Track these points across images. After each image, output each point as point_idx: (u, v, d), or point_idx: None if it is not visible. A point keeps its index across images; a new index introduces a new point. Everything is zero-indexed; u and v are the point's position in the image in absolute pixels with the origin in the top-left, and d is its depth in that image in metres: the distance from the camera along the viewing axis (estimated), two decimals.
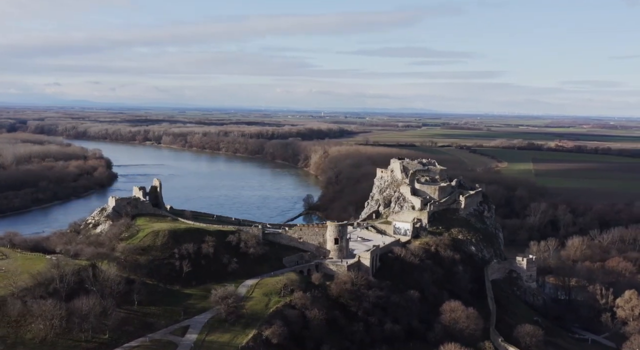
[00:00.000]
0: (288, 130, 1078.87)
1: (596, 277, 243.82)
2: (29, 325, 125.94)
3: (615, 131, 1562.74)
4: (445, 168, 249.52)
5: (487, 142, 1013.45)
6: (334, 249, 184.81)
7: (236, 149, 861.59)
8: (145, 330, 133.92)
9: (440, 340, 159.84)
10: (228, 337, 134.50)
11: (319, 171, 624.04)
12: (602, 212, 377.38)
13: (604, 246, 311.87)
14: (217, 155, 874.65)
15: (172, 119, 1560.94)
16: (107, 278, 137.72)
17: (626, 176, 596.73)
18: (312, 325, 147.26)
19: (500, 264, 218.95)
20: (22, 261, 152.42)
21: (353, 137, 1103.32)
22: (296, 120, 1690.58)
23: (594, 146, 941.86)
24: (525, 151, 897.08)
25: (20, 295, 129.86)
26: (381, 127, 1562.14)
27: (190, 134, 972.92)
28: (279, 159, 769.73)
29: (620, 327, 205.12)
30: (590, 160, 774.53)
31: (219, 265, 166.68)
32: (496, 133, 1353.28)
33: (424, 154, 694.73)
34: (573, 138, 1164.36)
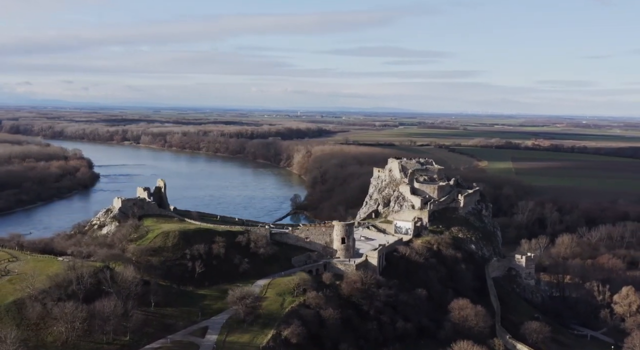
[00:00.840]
0: (267, 130, 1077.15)
1: (589, 274, 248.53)
2: (49, 328, 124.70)
3: (588, 130, 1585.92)
4: (443, 167, 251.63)
5: (465, 141, 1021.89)
6: (340, 249, 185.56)
7: (217, 148, 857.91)
8: (164, 331, 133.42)
9: (450, 338, 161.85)
10: (248, 338, 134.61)
11: (303, 171, 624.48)
12: (588, 210, 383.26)
13: (593, 243, 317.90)
14: (198, 155, 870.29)
15: (149, 118, 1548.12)
16: (125, 279, 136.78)
17: (606, 174, 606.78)
18: (327, 325, 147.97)
19: (500, 262, 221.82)
20: (34, 263, 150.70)
21: (332, 136, 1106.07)
22: (274, 120, 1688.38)
23: (570, 145, 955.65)
24: (504, 150, 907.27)
25: (39, 297, 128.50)
26: (358, 126, 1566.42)
27: (169, 133, 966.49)
28: (260, 159, 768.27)
29: (618, 323, 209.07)
30: (568, 159, 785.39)
31: (230, 265, 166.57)
32: (473, 132, 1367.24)
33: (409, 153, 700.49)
34: (548, 137, 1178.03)
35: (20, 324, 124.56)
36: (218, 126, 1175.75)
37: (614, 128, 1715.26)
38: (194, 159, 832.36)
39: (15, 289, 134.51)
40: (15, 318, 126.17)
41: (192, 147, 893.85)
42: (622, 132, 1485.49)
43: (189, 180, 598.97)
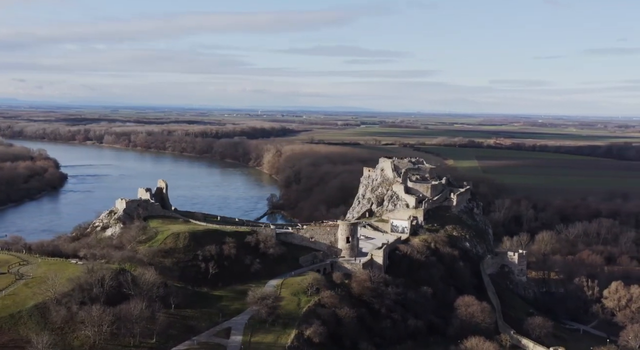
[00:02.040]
0: (232, 129, 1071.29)
1: (573, 270, 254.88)
2: (74, 332, 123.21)
3: (545, 129, 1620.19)
4: (435, 167, 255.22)
5: (429, 140, 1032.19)
6: (345, 248, 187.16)
7: (183, 148, 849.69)
8: (188, 333, 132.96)
9: (459, 334, 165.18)
10: (272, 338, 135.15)
11: (274, 170, 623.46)
12: (561, 208, 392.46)
13: (571, 240, 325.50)
14: (163, 154, 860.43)
15: (108, 117, 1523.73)
16: (146, 282, 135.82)
17: (570, 172, 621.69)
18: (344, 324, 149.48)
19: (494, 259, 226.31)
20: (47, 267, 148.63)
21: (296, 136, 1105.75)
22: (236, 119, 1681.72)
23: (531, 144, 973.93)
24: (467, 149, 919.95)
25: (63, 301, 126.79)
26: (320, 125, 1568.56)
27: (133, 133, 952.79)
28: (228, 158, 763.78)
29: (608, 317, 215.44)
30: (530, 157, 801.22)
31: (241, 266, 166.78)
32: (434, 131, 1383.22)
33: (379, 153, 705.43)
34: (508, 136, 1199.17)
35: (44, 328, 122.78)
36: (181, 125, 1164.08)
37: (569, 127, 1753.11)
38: (160, 158, 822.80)
39: (34, 293, 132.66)
40: (39, 322, 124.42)
41: (157, 146, 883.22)
42: (577, 131, 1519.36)
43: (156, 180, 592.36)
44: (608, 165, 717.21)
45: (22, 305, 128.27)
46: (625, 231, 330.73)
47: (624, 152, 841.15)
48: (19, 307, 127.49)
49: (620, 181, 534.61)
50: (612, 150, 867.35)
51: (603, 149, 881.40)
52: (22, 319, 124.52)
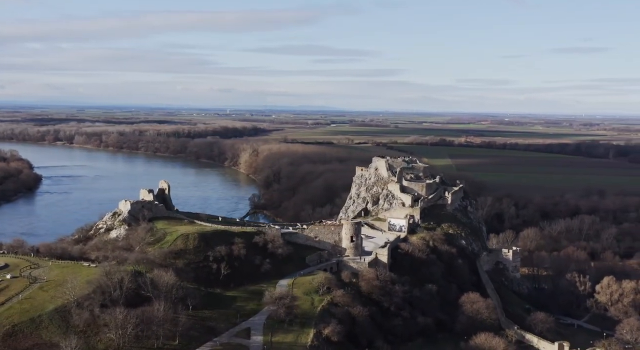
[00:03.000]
0: (204, 129, 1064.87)
1: (564, 266, 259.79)
2: (97, 335, 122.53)
3: (512, 127, 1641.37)
4: (428, 165, 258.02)
5: (401, 139, 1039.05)
6: (349, 247, 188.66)
7: (156, 148, 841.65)
8: (208, 334, 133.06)
9: (465, 331, 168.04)
10: (292, 337, 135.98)
11: (252, 170, 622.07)
12: (541, 205, 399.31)
13: (554, 236, 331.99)
14: (136, 154, 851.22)
15: (75, 117, 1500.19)
16: (165, 283, 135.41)
17: (545, 170, 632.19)
18: (358, 322, 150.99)
19: (489, 256, 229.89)
20: (59, 270, 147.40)
21: (268, 135, 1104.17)
22: (206, 119, 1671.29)
23: (502, 142, 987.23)
24: (439, 147, 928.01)
25: (85, 304, 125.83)
26: (291, 124, 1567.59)
27: (104, 133, 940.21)
28: (203, 158, 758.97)
29: (601, 312, 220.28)
30: (501, 155, 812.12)
31: (251, 266, 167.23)
32: (404, 130, 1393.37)
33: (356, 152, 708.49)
34: (477, 134, 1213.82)
35: (67, 332, 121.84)
36: (152, 125, 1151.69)
37: (535, 125, 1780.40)
38: (133, 159, 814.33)
39: (52, 297, 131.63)
40: (61, 326, 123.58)
41: (130, 147, 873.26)
42: (544, 129, 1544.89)
43: (135, 180, 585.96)
44: (579, 162, 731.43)
45: (41, 309, 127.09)
46: (606, 227, 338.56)
47: (592, 150, 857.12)
48: (38, 311, 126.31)
49: (595, 178, 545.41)
50: (581, 148, 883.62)
51: (572, 146, 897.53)
52: (43, 323, 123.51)
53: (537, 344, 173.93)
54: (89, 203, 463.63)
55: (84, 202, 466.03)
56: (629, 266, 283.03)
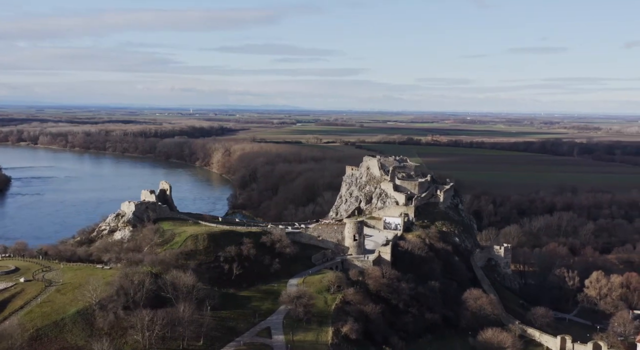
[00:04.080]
0: (171, 129, 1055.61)
1: (549, 262, 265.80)
2: (122, 337, 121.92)
3: (475, 126, 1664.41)
4: (419, 164, 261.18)
5: (369, 138, 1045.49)
6: (352, 246, 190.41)
7: (125, 148, 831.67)
8: (230, 334, 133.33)
9: (471, 327, 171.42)
10: (312, 336, 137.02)
11: (225, 170, 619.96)
12: (518, 202, 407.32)
13: (534, 233, 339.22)
14: (104, 155, 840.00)
15: (36, 117, 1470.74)
16: (186, 284, 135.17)
17: (515, 168, 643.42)
18: (372, 320, 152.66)
19: (482, 253, 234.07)
20: (72, 272, 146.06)
21: (235, 134, 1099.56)
22: (169, 118, 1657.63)
23: (468, 140, 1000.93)
24: (407, 146, 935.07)
25: (109, 307, 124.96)
26: (256, 124, 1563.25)
27: (70, 133, 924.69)
28: (174, 159, 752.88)
29: (592, 306, 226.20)
30: (469, 154, 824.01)
31: (261, 266, 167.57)
32: (369, 129, 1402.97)
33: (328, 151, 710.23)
34: (442, 133, 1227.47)
35: (91, 335, 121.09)
36: (118, 125, 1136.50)
37: (497, 124, 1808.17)
38: (101, 159, 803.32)
39: (71, 299, 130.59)
40: (85, 329, 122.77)
41: (97, 147, 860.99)
42: (506, 128, 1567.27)
43: (108, 181, 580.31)
44: (546, 160, 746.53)
45: (63, 312, 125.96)
46: (583, 224, 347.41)
47: (557, 148, 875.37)
48: (60, 314, 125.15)
49: (564, 176, 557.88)
50: (546, 146, 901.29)
51: (537, 145, 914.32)
52: (67, 326, 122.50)
53: (539, 338, 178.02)
54: (63, 205, 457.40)
55: (58, 203, 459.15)
56: (608, 261, 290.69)
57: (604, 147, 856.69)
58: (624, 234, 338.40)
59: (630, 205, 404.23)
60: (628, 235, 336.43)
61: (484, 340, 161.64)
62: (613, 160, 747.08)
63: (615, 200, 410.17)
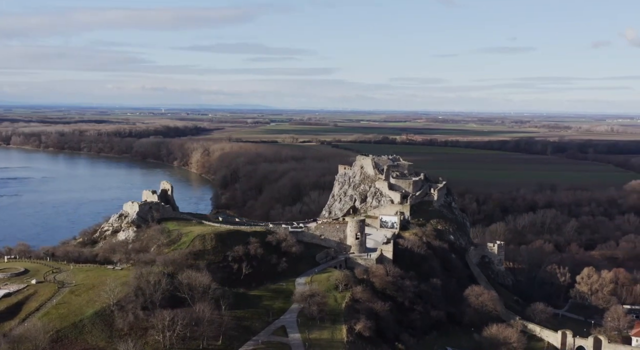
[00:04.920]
0: (146, 128, 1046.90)
1: (539, 259, 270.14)
2: (141, 337, 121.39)
3: (448, 125, 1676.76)
4: (412, 163, 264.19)
5: (344, 137, 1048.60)
6: (355, 244, 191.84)
7: (100, 148, 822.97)
8: (247, 333, 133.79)
9: (474, 323, 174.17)
10: (327, 334, 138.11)
11: (204, 170, 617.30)
12: (501, 200, 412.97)
13: (519, 230, 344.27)
14: (78, 155, 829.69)
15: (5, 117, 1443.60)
16: (202, 284, 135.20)
17: (493, 166, 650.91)
18: (382, 317, 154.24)
19: (476, 251, 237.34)
20: (84, 273, 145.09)
21: (210, 134, 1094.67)
22: (141, 118, 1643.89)
23: (443, 139, 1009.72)
24: (383, 145, 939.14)
25: (128, 307, 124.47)
26: (230, 123, 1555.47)
27: (43, 133, 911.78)
28: (151, 159, 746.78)
29: (583, 301, 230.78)
30: (445, 153, 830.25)
31: (268, 265, 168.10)
32: (343, 128, 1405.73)
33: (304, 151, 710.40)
34: (416, 132, 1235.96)
35: (111, 336, 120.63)
36: (91, 125, 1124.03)
37: (469, 123, 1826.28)
38: (76, 159, 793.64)
39: (88, 300, 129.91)
40: (104, 330, 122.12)
41: (71, 147, 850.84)
42: (478, 127, 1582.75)
43: (86, 182, 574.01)
44: (522, 159, 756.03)
45: (80, 313, 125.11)
46: (566, 221, 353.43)
47: (530, 147, 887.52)
48: (78, 315, 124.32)
49: (541, 174, 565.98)
50: (520, 144, 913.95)
51: (511, 143, 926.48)
52: (86, 327, 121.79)
53: (540, 333, 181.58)
54: (43, 206, 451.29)
55: (38, 204, 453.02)
56: (593, 257, 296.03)
57: (576, 146, 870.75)
58: (605, 231, 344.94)
59: (609, 202, 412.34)
60: (610, 232, 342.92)
61: (489, 336, 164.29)
62: (586, 159, 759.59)
63: (594, 198, 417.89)
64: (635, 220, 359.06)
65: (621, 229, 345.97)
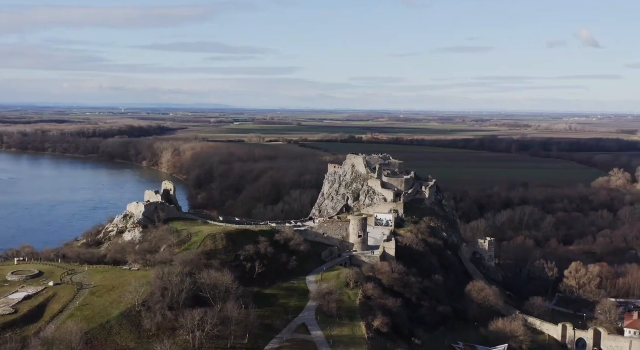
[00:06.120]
0: (110, 128, 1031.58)
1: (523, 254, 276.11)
2: (169, 337, 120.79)
3: (411, 124, 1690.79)
4: (402, 162, 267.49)
5: (310, 136, 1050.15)
6: (357, 242, 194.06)
7: (65, 149, 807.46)
8: (270, 332, 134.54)
9: (478, 317, 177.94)
10: (348, 331, 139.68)
11: (176, 170, 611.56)
12: (477, 198, 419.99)
13: (499, 227, 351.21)
14: (43, 155, 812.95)
15: None
16: (225, 284, 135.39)
17: (464, 165, 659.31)
18: (395, 313, 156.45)
19: (468, 247, 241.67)
20: (100, 274, 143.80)
21: (175, 134, 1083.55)
22: (102, 117, 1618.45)
23: (409, 138, 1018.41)
24: (350, 144, 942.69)
25: (157, 308, 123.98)
26: (193, 123, 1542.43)
27: (5, 134, 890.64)
28: (118, 159, 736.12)
29: (567, 295, 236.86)
30: (413, 151, 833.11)
31: (278, 264, 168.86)
32: (307, 127, 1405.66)
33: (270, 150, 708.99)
34: (380, 131, 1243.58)
35: (140, 337, 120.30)
36: (53, 125, 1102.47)
37: (431, 121, 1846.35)
38: (40, 160, 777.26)
39: (111, 302, 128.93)
40: (132, 331, 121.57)
41: (35, 148, 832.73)
42: (440, 126, 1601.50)
43: (55, 183, 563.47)
44: (487, 157, 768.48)
45: (106, 315, 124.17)
46: (543, 217, 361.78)
47: (495, 145, 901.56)
48: (104, 317, 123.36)
49: (513, 172, 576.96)
50: (484, 143, 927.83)
51: (476, 142, 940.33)
52: (114, 328, 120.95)
53: (540, 327, 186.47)
54: (15, 208, 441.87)
55: (10, 206, 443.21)
56: (572, 252, 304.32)
57: (539, 144, 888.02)
58: (581, 227, 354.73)
59: (581, 199, 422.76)
60: (585, 227, 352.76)
61: (496, 331, 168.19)
62: (550, 157, 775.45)
63: (566, 195, 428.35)
64: (609, 216, 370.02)
65: (596, 225, 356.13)
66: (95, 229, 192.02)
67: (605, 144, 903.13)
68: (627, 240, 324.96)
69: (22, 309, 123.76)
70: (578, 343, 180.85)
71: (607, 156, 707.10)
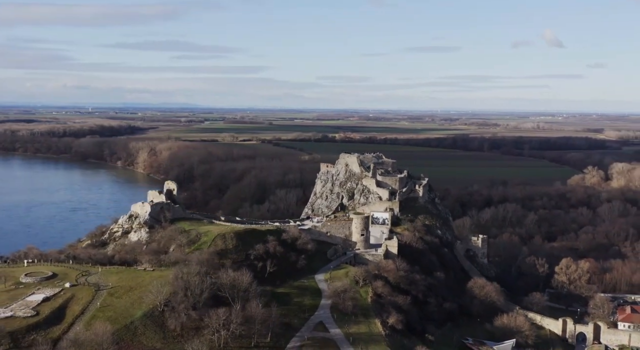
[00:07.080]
0: (80, 128, 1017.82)
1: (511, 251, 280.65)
2: (194, 337, 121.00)
3: (381, 123, 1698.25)
4: (395, 160, 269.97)
5: (284, 136, 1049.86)
6: (360, 240, 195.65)
7: (36, 148, 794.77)
8: (290, 330, 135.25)
9: (481, 313, 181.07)
10: (365, 328, 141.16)
11: (153, 170, 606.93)
12: (459, 196, 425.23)
13: (483, 224, 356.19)
14: (13, 155, 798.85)
15: None
16: (244, 284, 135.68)
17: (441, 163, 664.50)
18: (406, 310, 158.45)
19: (461, 244, 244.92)
20: (116, 275, 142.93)
21: (146, 133, 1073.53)
22: (69, 117, 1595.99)
23: (382, 137, 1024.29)
24: (325, 143, 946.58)
25: (180, 308, 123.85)
26: (163, 122, 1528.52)
27: None
28: (92, 159, 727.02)
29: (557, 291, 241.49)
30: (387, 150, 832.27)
31: (287, 263, 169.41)
32: (279, 126, 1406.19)
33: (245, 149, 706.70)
34: (351, 130, 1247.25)
35: (165, 337, 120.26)
36: (22, 124, 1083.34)
37: (401, 121, 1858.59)
38: (10, 160, 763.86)
39: (132, 302, 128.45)
40: (157, 331, 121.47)
41: (5, 148, 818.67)
42: (410, 125, 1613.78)
43: (30, 184, 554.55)
44: (461, 155, 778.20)
45: (129, 315, 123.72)
46: (525, 215, 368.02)
47: (467, 143, 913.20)
48: (127, 318, 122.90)
49: (490, 170, 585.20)
50: (457, 141, 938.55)
51: (448, 141, 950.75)
52: (138, 329, 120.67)
53: (541, 321, 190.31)
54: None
55: None
56: (556, 249, 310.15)
57: (510, 142, 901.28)
58: (563, 224, 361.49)
59: (560, 196, 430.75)
60: (567, 224, 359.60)
61: (501, 326, 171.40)
62: (522, 155, 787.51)
63: (545, 192, 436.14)
64: (589, 214, 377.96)
65: (577, 222, 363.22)
66: (98, 230, 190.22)
67: (575, 142, 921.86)
68: (608, 237, 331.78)
69: (42, 310, 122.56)
70: (578, 337, 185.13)
71: (577, 154, 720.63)
